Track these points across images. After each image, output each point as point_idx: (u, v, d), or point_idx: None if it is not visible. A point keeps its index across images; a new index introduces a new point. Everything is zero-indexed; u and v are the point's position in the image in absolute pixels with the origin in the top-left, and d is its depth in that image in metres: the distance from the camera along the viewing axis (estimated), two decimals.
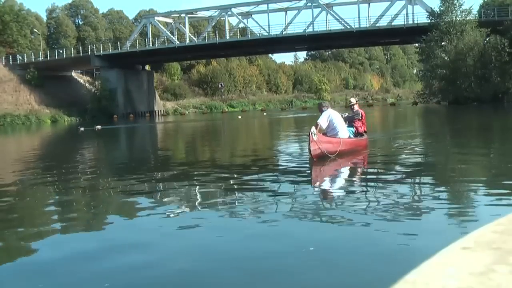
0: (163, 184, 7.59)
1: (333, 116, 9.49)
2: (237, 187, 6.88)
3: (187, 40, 59.23)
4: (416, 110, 41.57)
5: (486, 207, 4.80)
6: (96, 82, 60.71)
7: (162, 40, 59.19)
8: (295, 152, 11.30)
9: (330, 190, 6.53)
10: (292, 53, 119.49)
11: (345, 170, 8.37)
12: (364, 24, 48.99)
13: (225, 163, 10.27)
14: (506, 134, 14.88)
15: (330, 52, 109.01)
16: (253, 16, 58.69)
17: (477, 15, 46.95)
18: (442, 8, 44.90)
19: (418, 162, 9.16)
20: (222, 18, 60.52)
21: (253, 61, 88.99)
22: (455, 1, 44.77)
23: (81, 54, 59.13)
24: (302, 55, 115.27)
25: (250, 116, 47.15)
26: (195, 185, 7.24)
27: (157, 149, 16.58)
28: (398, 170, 7.98)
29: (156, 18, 62.03)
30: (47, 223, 5.03)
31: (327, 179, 7.62)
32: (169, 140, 21.33)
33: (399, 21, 48.07)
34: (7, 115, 51.16)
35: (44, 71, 56.70)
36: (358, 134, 10.21)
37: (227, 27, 58.72)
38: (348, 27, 49.25)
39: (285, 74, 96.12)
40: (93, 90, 60.10)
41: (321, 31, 50.55)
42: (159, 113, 62.82)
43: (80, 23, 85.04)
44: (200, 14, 63.37)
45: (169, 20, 62.41)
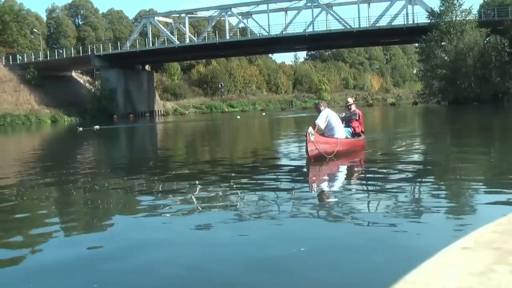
0: (161, 184, 7.58)
1: (331, 116, 9.44)
2: (235, 187, 6.85)
3: (187, 40, 59.24)
4: (416, 110, 41.57)
5: (486, 207, 4.80)
6: (96, 82, 60.75)
7: (162, 40, 59.20)
8: (293, 152, 11.26)
9: (328, 191, 6.49)
10: (292, 53, 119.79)
11: (343, 171, 8.32)
12: (364, 24, 49.03)
13: (223, 164, 10.25)
14: (506, 134, 14.88)
15: (330, 52, 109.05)
16: (253, 16, 58.76)
17: (477, 15, 46.97)
18: (442, 8, 44.93)
19: (418, 162, 9.15)
20: (222, 18, 60.54)
21: (253, 61, 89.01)
22: (455, 1, 44.80)
23: (81, 54, 59.16)
24: (302, 55, 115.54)
25: (250, 116, 47.14)
26: (194, 185, 7.23)
27: (155, 149, 16.56)
28: (398, 170, 7.97)
29: (156, 18, 62.05)
30: (48, 224, 5.00)
31: (324, 179, 7.57)
32: (168, 140, 21.31)
33: (399, 21, 48.15)
34: (7, 115, 51.18)
35: (44, 71, 56.73)
36: (355, 134, 10.12)
37: (227, 27, 58.73)
38: (348, 27, 49.27)
39: (285, 74, 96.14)
40: (93, 90, 60.14)
41: (321, 31, 50.58)
42: (159, 113, 62.83)
43: (80, 23, 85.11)
44: (200, 14, 63.40)
45: (169, 20, 62.43)
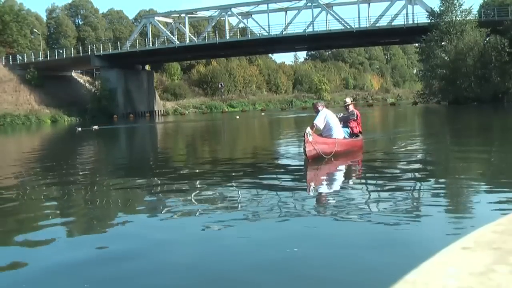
0: (159, 185, 7.57)
1: (329, 117, 9.39)
2: (233, 188, 6.82)
3: (187, 40, 59.24)
4: (416, 110, 41.57)
5: (486, 207, 4.79)
6: (96, 82, 60.76)
7: (162, 40, 59.20)
8: (291, 153, 11.23)
9: (326, 191, 6.46)
10: (292, 53, 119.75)
11: (341, 171, 8.26)
12: (364, 24, 49.03)
13: (222, 164, 10.17)
14: (506, 134, 14.88)
15: (330, 52, 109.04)
16: (253, 16, 58.75)
17: (477, 15, 46.97)
18: (442, 8, 44.94)
19: (417, 162, 9.14)
20: (222, 18, 60.54)
21: (253, 61, 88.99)
22: (455, 1, 44.81)
23: (81, 54, 59.16)
24: (302, 55, 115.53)
25: (249, 116, 47.11)
26: (193, 186, 7.23)
27: (154, 149, 16.53)
28: (398, 170, 7.97)
29: (156, 18, 62.05)
30: (49, 225, 4.96)
31: (323, 180, 7.52)
32: (167, 141, 21.30)
33: (399, 21, 48.15)
34: (7, 115, 51.18)
35: (44, 71, 56.72)
36: (353, 134, 10.06)
37: (227, 27, 58.73)
38: (348, 27, 49.28)
39: (285, 74, 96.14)
40: (93, 90, 60.13)
41: (321, 31, 50.57)
42: (159, 113, 62.83)
43: (80, 23, 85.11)
44: (200, 14, 63.40)
45: (169, 20, 62.42)
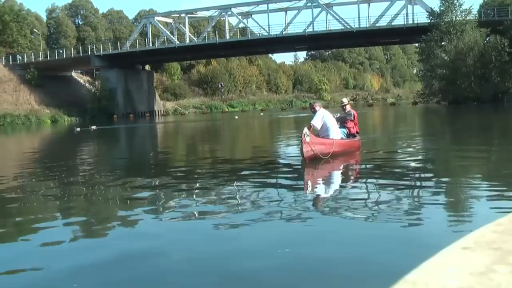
0: (156, 186, 7.57)
1: (327, 117, 9.33)
2: (230, 189, 6.80)
3: (187, 40, 59.22)
4: (416, 110, 41.57)
5: (486, 207, 4.80)
6: (96, 82, 60.73)
7: (162, 40, 59.18)
8: (289, 153, 11.18)
9: (324, 192, 6.42)
10: (292, 53, 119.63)
11: (339, 172, 8.18)
12: (364, 24, 48.99)
13: (220, 165, 10.02)
14: (506, 134, 14.88)
15: (330, 52, 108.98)
16: (253, 16, 58.72)
17: (477, 15, 46.94)
18: (442, 8, 44.93)
19: (417, 162, 9.13)
20: (222, 18, 60.51)
21: (253, 61, 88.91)
22: (455, 1, 44.80)
23: (81, 54, 59.12)
24: (302, 55, 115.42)
25: (249, 116, 47.05)
26: (191, 187, 7.22)
27: (151, 150, 16.41)
28: (397, 170, 7.96)
29: (156, 18, 62.02)
30: (50, 227, 4.94)
31: (321, 181, 7.44)
32: (164, 141, 21.25)
33: (399, 21, 48.11)
34: (7, 115, 51.14)
35: (44, 71, 56.69)
36: (350, 135, 9.99)
37: (227, 27, 58.69)
38: (348, 27, 49.25)
39: (285, 74, 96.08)
40: (93, 90, 60.11)
41: (321, 31, 50.56)
42: (159, 113, 62.80)
43: (80, 23, 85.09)
44: (200, 14, 63.38)
45: (169, 20, 62.40)
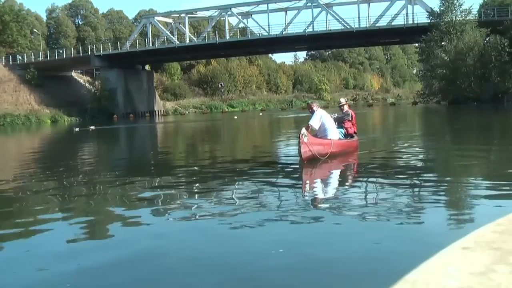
0: (155, 186, 7.58)
1: (324, 117, 9.30)
2: (227, 189, 6.78)
3: (187, 40, 59.21)
4: (416, 110, 41.55)
5: (486, 207, 4.80)
6: (96, 82, 60.73)
7: (162, 40, 59.17)
8: (287, 154, 11.16)
9: (323, 193, 6.41)
10: (292, 53, 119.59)
11: (337, 172, 8.12)
12: (364, 24, 48.98)
13: (218, 165, 9.93)
14: (506, 134, 14.87)
15: (330, 52, 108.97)
16: (253, 16, 58.70)
17: (477, 15, 46.93)
18: (442, 8, 44.92)
19: (417, 162, 9.13)
20: (222, 18, 60.49)
21: (253, 61, 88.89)
22: (455, 1, 44.79)
23: (81, 54, 59.11)
24: (302, 55, 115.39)
25: (249, 116, 47.01)
26: (191, 186, 7.23)
27: (150, 150, 16.40)
28: (397, 170, 7.95)
29: (156, 18, 62.00)
30: (50, 228, 4.94)
31: (318, 181, 7.41)
32: (164, 141, 21.21)
33: (399, 21, 48.11)
34: (7, 115, 51.14)
35: (44, 71, 56.69)
36: (348, 135, 9.95)
37: (227, 27, 58.67)
38: (348, 27, 49.24)
39: (285, 74, 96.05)
40: (93, 90, 60.10)
41: (321, 31, 50.55)
42: (159, 113, 62.79)
43: (80, 23, 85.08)
44: (200, 14, 63.36)
45: (169, 20, 62.38)
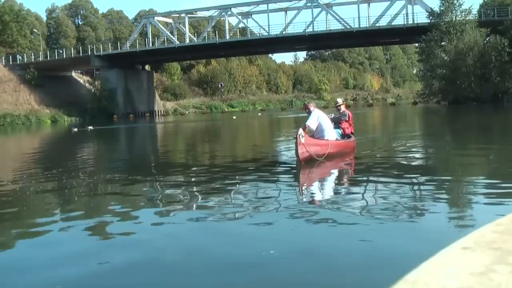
0: (156, 186, 7.58)
1: (322, 118, 9.27)
2: (226, 190, 6.74)
3: (187, 40, 59.20)
4: (416, 110, 41.56)
5: (486, 207, 4.80)
6: (96, 82, 60.71)
7: (162, 40, 59.16)
8: (285, 154, 11.13)
9: (321, 193, 6.40)
10: (292, 53, 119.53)
11: (335, 173, 8.09)
12: (364, 24, 48.97)
13: (217, 166, 9.93)
14: (506, 134, 14.88)
15: (330, 52, 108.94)
16: (253, 16, 58.68)
17: (477, 15, 46.93)
18: (442, 8, 44.91)
19: (417, 162, 9.13)
20: (222, 18, 60.48)
21: (253, 61, 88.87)
22: (455, 1, 44.78)
23: (81, 54, 59.08)
24: (302, 55, 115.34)
25: (249, 116, 47.00)
26: (191, 187, 7.24)
27: (150, 150, 16.45)
28: (397, 170, 7.94)
29: (156, 18, 62.00)
30: (51, 229, 4.94)
31: (316, 182, 7.38)
32: (164, 141, 21.23)
33: (399, 21, 48.08)
34: (7, 115, 51.13)
35: (44, 71, 56.67)
36: (345, 135, 9.90)
37: (227, 27, 58.67)
38: (348, 27, 49.23)
39: (285, 74, 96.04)
40: (93, 90, 60.09)
41: (321, 31, 50.54)
42: (159, 113, 62.77)
43: (80, 23, 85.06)
44: (200, 14, 63.36)
45: (169, 20, 62.38)
